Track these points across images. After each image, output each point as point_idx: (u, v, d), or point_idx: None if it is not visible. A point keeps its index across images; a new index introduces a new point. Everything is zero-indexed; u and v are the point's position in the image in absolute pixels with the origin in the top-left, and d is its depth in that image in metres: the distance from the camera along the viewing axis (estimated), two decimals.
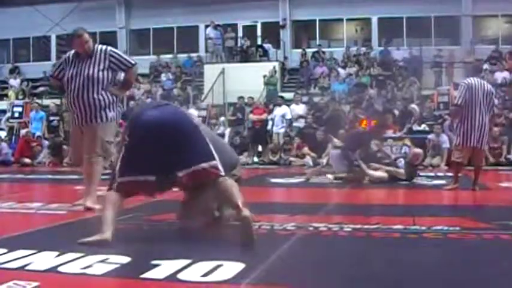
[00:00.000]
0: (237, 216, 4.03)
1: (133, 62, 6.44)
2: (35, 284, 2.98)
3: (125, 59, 6.41)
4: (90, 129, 6.25)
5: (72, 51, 6.36)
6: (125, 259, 3.50)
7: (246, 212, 3.93)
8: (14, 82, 25.71)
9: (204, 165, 4.22)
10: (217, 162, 4.25)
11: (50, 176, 12.50)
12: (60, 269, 3.32)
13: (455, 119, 8.96)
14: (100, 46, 6.36)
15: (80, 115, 6.23)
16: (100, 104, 6.22)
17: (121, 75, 6.56)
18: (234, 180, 4.53)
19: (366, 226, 4.90)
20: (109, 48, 6.39)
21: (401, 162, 10.59)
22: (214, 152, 4.29)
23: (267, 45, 24.07)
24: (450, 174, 11.77)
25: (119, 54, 6.39)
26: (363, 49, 23.88)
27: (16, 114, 20.77)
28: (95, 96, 6.19)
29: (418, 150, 10.42)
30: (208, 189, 4.37)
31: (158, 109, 4.42)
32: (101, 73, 6.22)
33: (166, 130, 4.19)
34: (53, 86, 7.90)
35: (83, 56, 6.24)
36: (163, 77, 23.90)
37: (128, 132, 4.29)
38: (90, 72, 6.19)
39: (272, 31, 25.45)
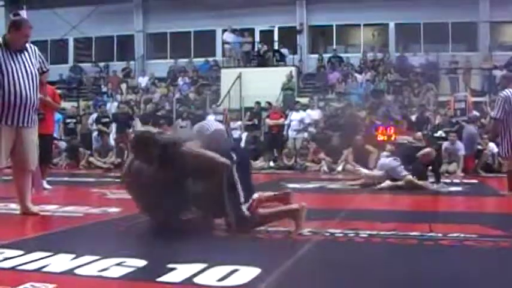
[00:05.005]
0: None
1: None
2: (52, 286, 3.00)
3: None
4: (28, 133, 5.66)
5: None
6: (141, 262, 3.51)
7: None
8: None
9: None
10: None
11: (66, 179, 12.56)
12: (76, 271, 3.33)
13: (495, 132, 8.80)
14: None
15: (18, 115, 5.51)
16: (36, 106, 5.67)
17: None
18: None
19: (382, 232, 4.88)
20: (33, 45, 5.80)
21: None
22: None
23: (283, 50, 24.02)
24: (466, 181, 11.78)
25: (41, 55, 5.85)
26: (380, 55, 23.85)
27: None
28: (36, 95, 5.62)
29: (428, 149, 10.19)
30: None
31: None
32: (36, 71, 5.65)
33: None
34: None
35: (16, 49, 5.59)
36: (180, 81, 23.96)
37: None
38: (31, 68, 5.59)
39: (289, 36, 25.37)
